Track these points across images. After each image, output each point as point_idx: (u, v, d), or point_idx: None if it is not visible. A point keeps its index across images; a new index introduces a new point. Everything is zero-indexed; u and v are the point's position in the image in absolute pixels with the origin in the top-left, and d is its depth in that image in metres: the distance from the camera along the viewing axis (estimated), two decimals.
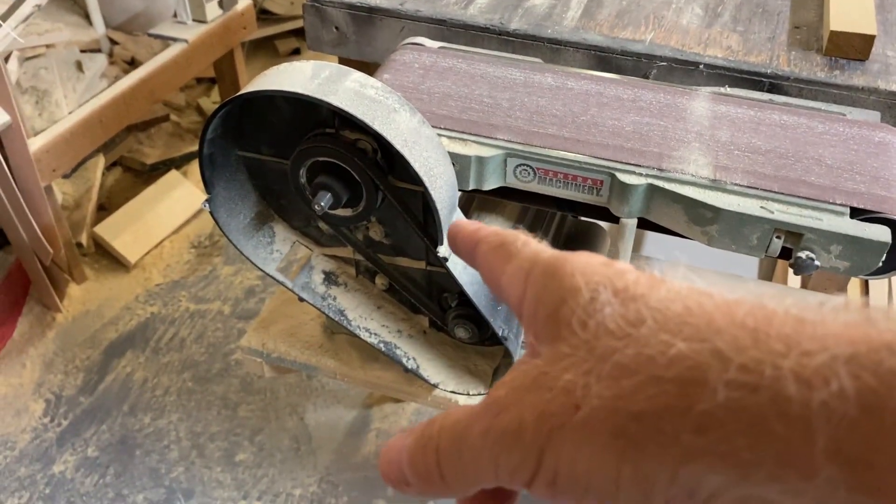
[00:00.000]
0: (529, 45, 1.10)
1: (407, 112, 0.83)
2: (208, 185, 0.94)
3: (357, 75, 0.83)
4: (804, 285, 1.32)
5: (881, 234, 0.79)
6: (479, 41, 1.14)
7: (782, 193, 0.83)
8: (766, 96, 0.98)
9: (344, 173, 0.89)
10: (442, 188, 0.85)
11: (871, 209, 0.82)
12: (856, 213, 0.82)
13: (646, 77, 1.08)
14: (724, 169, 0.87)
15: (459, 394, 1.04)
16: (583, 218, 1.12)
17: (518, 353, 0.98)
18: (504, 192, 0.96)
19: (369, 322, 1.03)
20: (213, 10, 2.30)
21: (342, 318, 1.01)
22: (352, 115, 0.79)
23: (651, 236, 2.24)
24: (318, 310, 1.01)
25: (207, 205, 0.94)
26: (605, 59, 1.07)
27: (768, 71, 1.02)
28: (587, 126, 0.93)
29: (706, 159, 0.88)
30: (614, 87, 0.99)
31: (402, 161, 0.81)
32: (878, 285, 2.12)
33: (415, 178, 0.82)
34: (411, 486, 0.37)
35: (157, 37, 2.29)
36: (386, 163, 0.89)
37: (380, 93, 0.83)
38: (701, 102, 0.97)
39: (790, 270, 0.84)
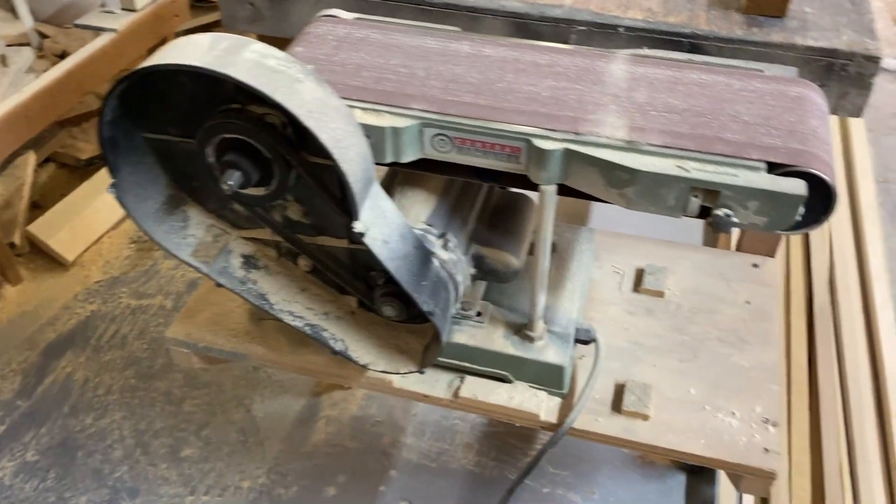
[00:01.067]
0: (448, 13, 1.08)
1: (312, 82, 0.80)
2: (113, 169, 0.90)
3: (257, 45, 0.80)
4: (738, 248, 1.33)
5: (797, 187, 0.78)
6: (397, 11, 1.11)
7: (698, 152, 0.82)
8: (685, 56, 0.97)
9: (253, 150, 0.86)
10: (354, 160, 0.82)
11: (787, 163, 0.81)
12: (772, 167, 0.81)
13: (566, 42, 1.06)
14: (639, 130, 0.85)
15: (390, 373, 1.02)
16: (512, 189, 1.11)
17: (446, 330, 0.96)
18: (425, 165, 0.93)
19: (293, 305, 0.99)
20: None
21: (264, 302, 0.98)
22: (251, 87, 0.76)
23: (598, 209, 2.24)
24: (238, 295, 0.98)
25: (113, 190, 0.90)
26: (525, 25, 1.05)
27: (688, 31, 1.01)
28: (503, 93, 0.91)
29: (622, 121, 0.86)
30: (532, 53, 0.97)
31: (309, 133, 0.78)
32: (819, 251, 2.14)
33: (323, 151, 0.79)
34: None
35: (83, 27, 2.22)
36: (297, 137, 0.86)
37: (282, 63, 0.80)
38: (619, 65, 0.95)
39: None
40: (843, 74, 0.98)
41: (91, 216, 2.21)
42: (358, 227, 0.84)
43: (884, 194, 2.44)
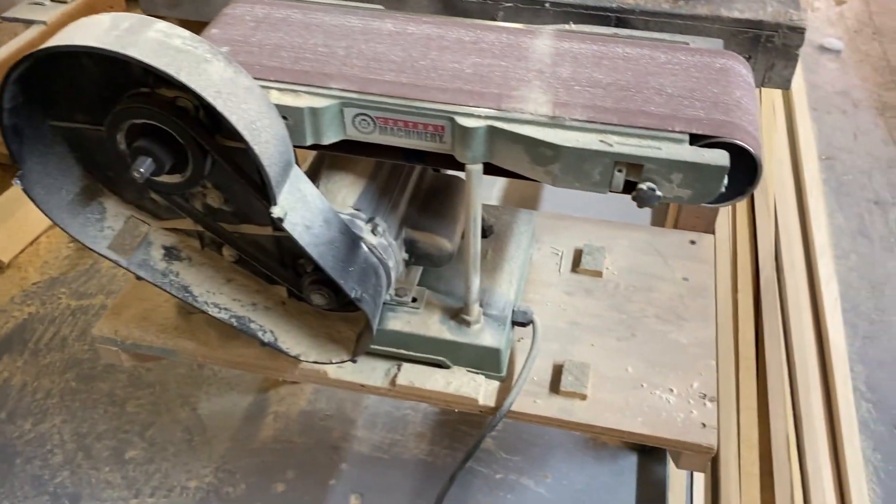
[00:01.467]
0: None
1: (221, 62, 0.77)
2: (18, 159, 0.85)
3: (161, 25, 0.77)
4: (675, 225, 1.32)
5: (720, 158, 0.77)
6: None
7: (621, 125, 0.81)
8: (611, 31, 0.96)
9: (165, 135, 0.82)
10: (269, 143, 0.79)
11: (710, 134, 0.80)
12: (695, 139, 0.80)
13: (493, 19, 1.04)
14: (563, 105, 0.84)
15: (323, 363, 0.99)
16: (446, 171, 1.08)
17: (377, 316, 0.93)
18: (349, 147, 0.91)
19: (218, 297, 0.96)
20: None
21: (187, 294, 0.95)
22: (154, 67, 0.73)
23: (550, 192, 2.23)
24: (160, 288, 0.94)
25: (19, 182, 0.86)
26: (451, 2, 1.03)
27: (614, 5, 0.99)
28: (426, 70, 0.89)
29: (546, 97, 0.85)
30: (457, 30, 0.95)
31: (220, 115, 0.75)
32: (765, 226, 2.16)
33: (236, 134, 0.76)
34: None
35: (12, 20, 2.14)
36: (210, 121, 0.83)
37: (188, 42, 0.76)
38: (544, 41, 0.93)
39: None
40: (769, 46, 0.97)
41: (27, 216, 2.14)
42: (276, 212, 0.81)
43: (827, 171, 2.48)
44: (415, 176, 1.05)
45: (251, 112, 0.77)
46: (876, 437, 1.73)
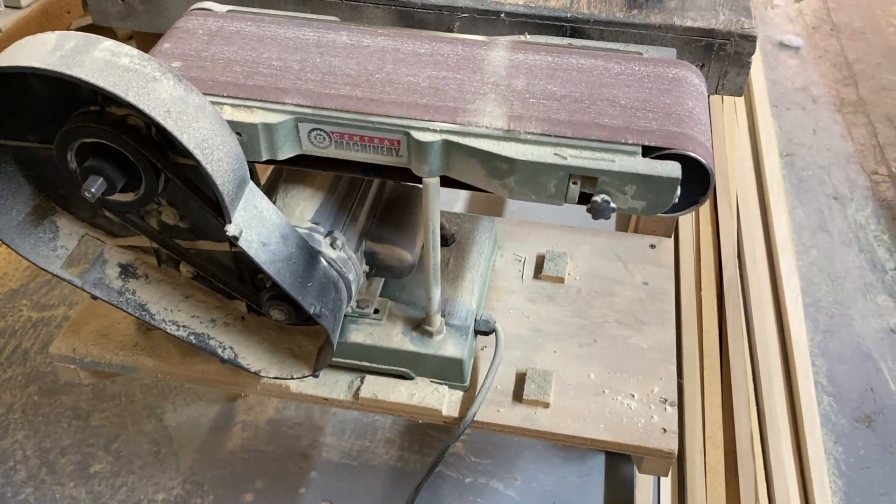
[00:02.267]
0: (327, 3, 1.04)
1: (170, 80, 0.76)
2: None
3: (109, 44, 0.75)
4: (635, 229, 1.34)
5: (672, 169, 0.78)
6: (273, 2, 1.07)
7: (575, 138, 0.81)
8: (565, 41, 0.96)
9: (117, 154, 0.81)
10: (221, 160, 0.79)
11: (662, 146, 0.81)
12: (648, 151, 0.81)
13: (449, 31, 1.04)
14: (518, 118, 0.84)
15: (284, 378, 0.98)
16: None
17: (336, 330, 0.93)
18: (307, 161, 0.90)
19: (176, 314, 0.95)
20: None
21: (144, 313, 0.94)
22: (100, 87, 0.71)
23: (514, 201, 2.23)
24: (116, 307, 0.93)
25: None
26: (407, 13, 1.02)
27: (568, 15, 1.00)
28: (381, 84, 0.89)
29: (501, 110, 0.85)
30: (412, 43, 0.95)
31: (170, 134, 0.74)
32: (727, 224, 2.19)
33: (185, 152, 0.75)
34: None
35: None
36: (162, 139, 0.82)
37: (136, 61, 0.75)
38: (499, 52, 0.94)
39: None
40: (721, 54, 0.98)
41: None
42: (231, 230, 0.80)
43: (787, 167, 2.52)
44: (374, 187, 1.05)
45: (202, 130, 0.76)
46: (837, 430, 1.76)
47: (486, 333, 1.05)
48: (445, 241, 1.14)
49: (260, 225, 0.84)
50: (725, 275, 2.03)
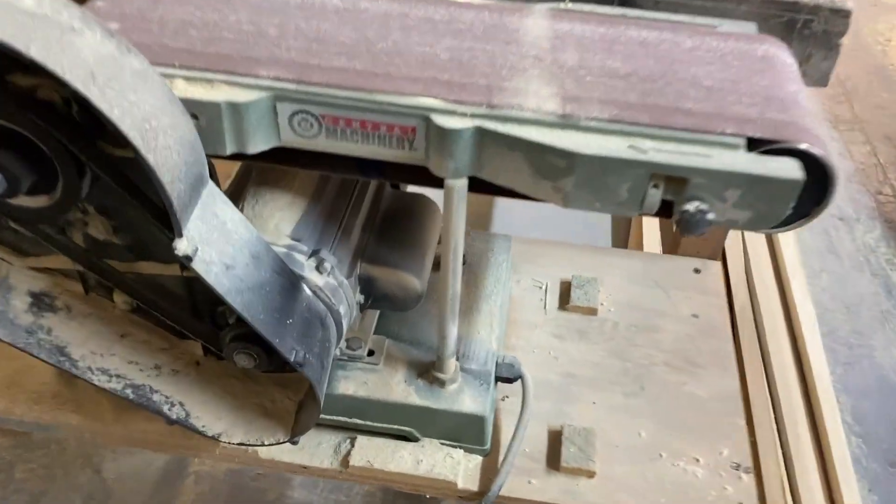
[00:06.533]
0: None
1: (97, 34, 0.53)
2: None
3: None
4: (674, 249, 1.12)
5: (790, 169, 0.58)
6: None
7: (655, 126, 0.61)
8: (616, 10, 0.76)
9: (22, 141, 0.58)
10: (170, 149, 0.56)
11: (770, 138, 0.60)
12: (753, 144, 0.60)
13: None
14: (575, 100, 0.63)
15: (252, 445, 0.75)
16: (410, 188, 0.87)
17: (324, 382, 0.70)
18: (287, 157, 0.68)
19: (108, 360, 0.71)
20: None
21: (63, 359, 0.70)
22: None
23: (502, 209, 2.01)
24: (25, 351, 0.69)
25: None
26: None
27: None
28: (388, 55, 0.67)
29: (550, 89, 0.64)
30: (423, 7, 0.73)
31: (94, 109, 0.52)
32: (734, 251, 2.02)
33: (118, 136, 0.53)
34: None
35: None
36: (90, 120, 0.59)
37: (47, 6, 0.52)
38: (536, 20, 0.73)
39: (658, 233, 0.62)
40: (806, 33, 0.79)
41: None
42: (182, 247, 0.57)
43: None
44: (370, 193, 0.83)
45: (143, 106, 0.54)
46: (870, 475, 1.58)
47: (509, 380, 0.83)
48: None
49: (222, 241, 0.61)
50: (736, 303, 1.86)
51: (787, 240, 2.17)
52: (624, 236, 1.80)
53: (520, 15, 0.74)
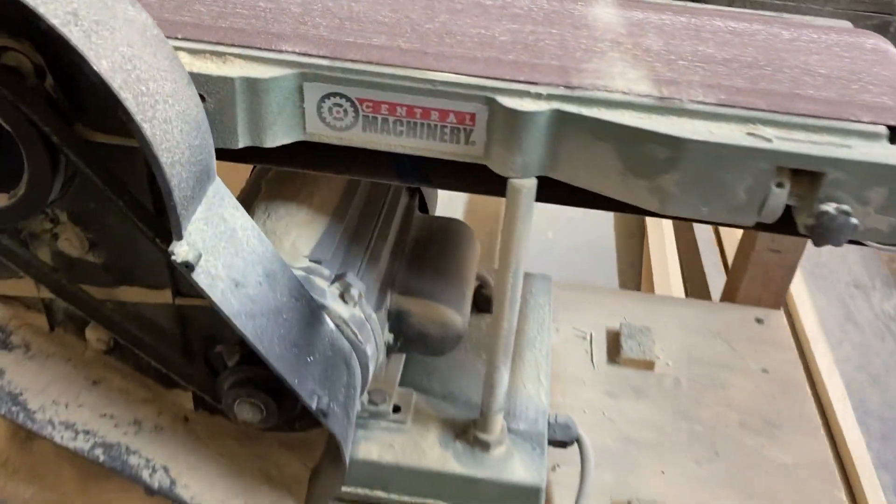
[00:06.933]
0: None
1: None
2: None
3: None
4: (730, 296, 0.99)
5: None
6: None
7: (777, 112, 0.49)
8: (693, 5, 0.66)
9: None
10: (171, 125, 0.43)
11: None
12: (894, 136, 0.49)
13: None
14: (671, 83, 0.51)
15: None
16: (438, 216, 0.74)
17: (349, 438, 0.55)
18: (308, 159, 0.56)
19: (74, 412, 0.56)
20: None
21: (16, 408, 0.54)
22: None
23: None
24: None
25: None
26: None
27: None
28: (437, 35, 0.55)
29: (638, 72, 0.53)
30: None
31: (84, 64, 0.39)
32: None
33: (105, 92, 0.40)
34: None
35: None
36: (67, 98, 0.46)
37: None
38: (605, 9, 0.63)
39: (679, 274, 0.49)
40: None
41: None
42: (180, 252, 0.44)
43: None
44: (398, 214, 0.70)
45: (139, 64, 0.41)
46: None
47: (563, 444, 0.69)
48: (486, 304, 0.79)
49: (230, 251, 0.48)
50: (811, 356, 1.73)
51: (804, 306, 2.05)
52: (635, 278, 1.65)
53: (584, 3, 0.63)
